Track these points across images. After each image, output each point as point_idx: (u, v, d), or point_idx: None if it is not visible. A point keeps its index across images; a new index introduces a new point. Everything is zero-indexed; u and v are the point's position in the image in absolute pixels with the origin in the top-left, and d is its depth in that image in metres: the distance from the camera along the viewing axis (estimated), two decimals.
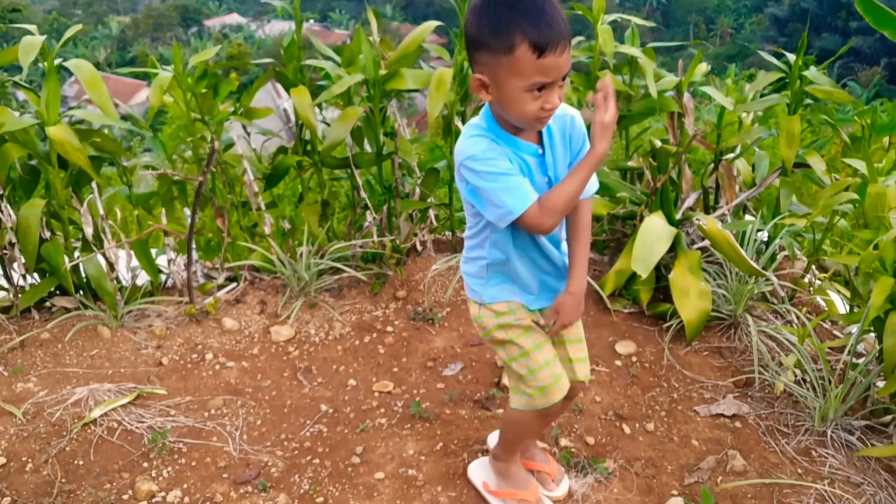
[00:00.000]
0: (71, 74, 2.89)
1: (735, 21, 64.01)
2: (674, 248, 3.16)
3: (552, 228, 1.70)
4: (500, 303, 1.92)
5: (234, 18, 65.52)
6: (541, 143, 1.74)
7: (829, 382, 2.57)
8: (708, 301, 3.00)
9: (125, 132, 3.51)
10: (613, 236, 3.57)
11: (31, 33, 2.87)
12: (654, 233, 3.08)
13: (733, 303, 3.09)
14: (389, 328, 3.17)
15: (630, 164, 3.48)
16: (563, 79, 1.58)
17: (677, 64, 3.63)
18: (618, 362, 2.96)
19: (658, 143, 3.25)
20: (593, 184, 1.84)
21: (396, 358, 3.00)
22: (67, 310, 3.19)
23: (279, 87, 3.48)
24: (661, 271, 3.25)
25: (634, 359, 2.98)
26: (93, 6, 76.79)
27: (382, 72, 3.28)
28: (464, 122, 3.45)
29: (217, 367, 2.96)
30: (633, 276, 3.24)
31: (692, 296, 3.02)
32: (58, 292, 3.25)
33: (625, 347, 3.03)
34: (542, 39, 1.48)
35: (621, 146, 3.83)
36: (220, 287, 3.43)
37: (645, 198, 3.37)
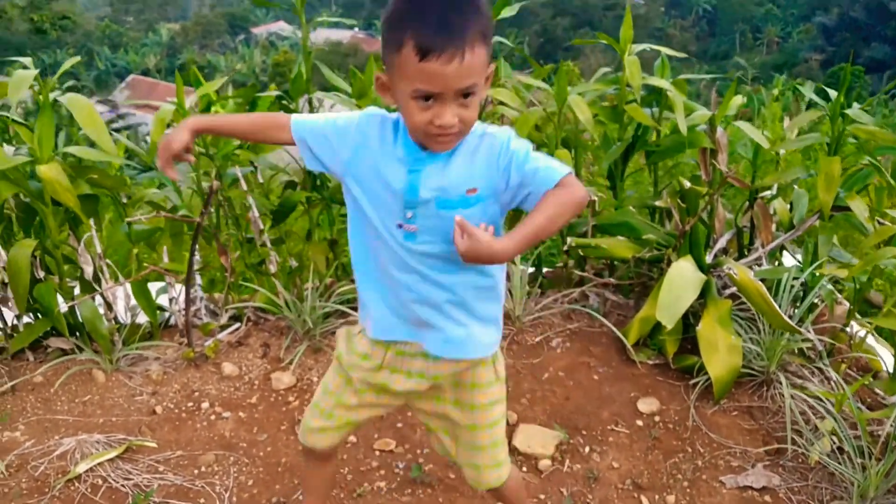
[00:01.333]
0: (121, 79, 2.80)
1: (782, 30, 62.93)
2: (703, 295, 2.95)
3: None
4: (360, 325, 1.78)
5: (281, 26, 65.99)
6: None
7: (870, 457, 2.33)
8: (738, 356, 2.77)
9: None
10: (639, 279, 3.35)
11: (25, 67, 2.76)
12: (681, 279, 2.87)
13: (766, 358, 2.86)
14: None
15: (658, 203, 3.26)
16: (466, 96, 1.40)
17: (718, 75, 3.42)
18: (639, 422, 2.75)
19: (687, 184, 3.04)
20: (545, 175, 1.48)
21: (401, 411, 2.82)
22: (63, 351, 3.08)
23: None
24: (690, 319, 3.03)
25: (657, 418, 2.77)
26: (144, 13, 78.59)
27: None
28: None
29: (212, 417, 2.81)
30: (659, 325, 3.02)
31: (721, 350, 2.80)
32: (54, 332, 3.13)
33: (647, 405, 2.82)
34: (425, 41, 1.33)
35: (649, 183, 3.62)
36: (223, 327, 3.29)
37: (673, 240, 3.15)
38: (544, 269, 3.65)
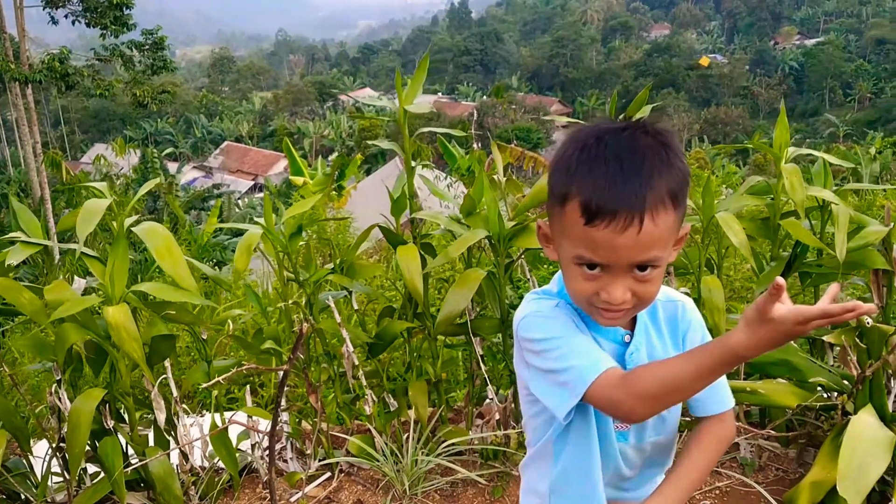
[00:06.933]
0: (216, 145, 2.50)
1: (874, 85, 60.92)
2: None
3: (634, 415, 1.13)
4: None
5: (367, 93, 67.47)
6: (631, 328, 1.28)
7: None
8: None
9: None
10: (803, 429, 2.79)
11: (100, 193, 2.46)
12: (867, 441, 2.33)
13: None
14: None
15: (827, 338, 2.72)
16: (644, 269, 1.11)
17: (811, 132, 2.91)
18: None
19: (869, 321, 2.50)
20: (721, 393, 1.31)
21: None
22: None
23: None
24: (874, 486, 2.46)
25: None
26: (238, 83, 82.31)
27: (509, 224, 2.70)
28: None
29: None
30: (835, 490, 2.47)
31: None
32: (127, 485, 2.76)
33: None
34: (592, 201, 1.07)
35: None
36: (312, 478, 2.87)
37: (847, 384, 2.61)
38: None
